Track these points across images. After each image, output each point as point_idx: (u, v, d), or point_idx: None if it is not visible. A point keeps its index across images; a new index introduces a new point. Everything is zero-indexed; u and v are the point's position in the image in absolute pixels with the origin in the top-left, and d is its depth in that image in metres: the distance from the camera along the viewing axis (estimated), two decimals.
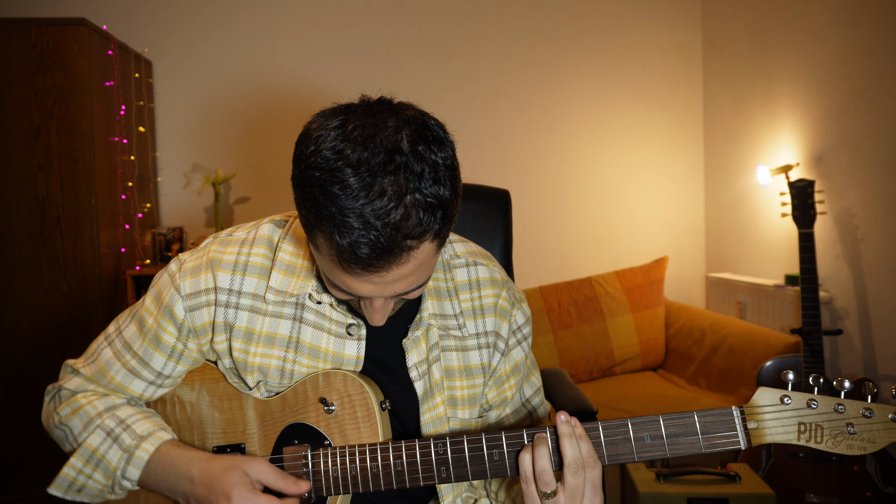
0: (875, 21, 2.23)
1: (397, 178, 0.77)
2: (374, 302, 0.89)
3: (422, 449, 0.94)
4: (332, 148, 0.79)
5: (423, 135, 0.81)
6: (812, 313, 2.14)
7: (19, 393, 2.58)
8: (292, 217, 1.06)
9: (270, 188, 3.31)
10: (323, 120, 0.83)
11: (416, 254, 0.81)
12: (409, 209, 0.77)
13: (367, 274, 0.80)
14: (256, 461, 0.95)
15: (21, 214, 2.58)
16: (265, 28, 3.26)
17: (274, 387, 1.01)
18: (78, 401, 1.04)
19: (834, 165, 2.45)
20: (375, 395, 0.98)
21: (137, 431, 1.00)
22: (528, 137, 3.40)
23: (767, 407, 0.88)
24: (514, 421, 1.13)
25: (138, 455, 0.98)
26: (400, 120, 0.81)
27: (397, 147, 0.78)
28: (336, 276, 0.84)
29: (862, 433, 0.86)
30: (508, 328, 1.09)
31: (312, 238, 0.84)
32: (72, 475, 1.00)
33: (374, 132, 0.79)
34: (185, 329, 1.01)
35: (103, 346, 1.06)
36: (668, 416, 0.90)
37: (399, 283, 0.84)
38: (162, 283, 1.03)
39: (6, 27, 2.55)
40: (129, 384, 1.04)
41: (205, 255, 1.02)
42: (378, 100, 0.85)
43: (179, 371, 1.04)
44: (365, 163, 0.77)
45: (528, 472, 0.89)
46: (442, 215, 0.80)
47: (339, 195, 0.77)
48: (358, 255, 0.78)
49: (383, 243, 0.77)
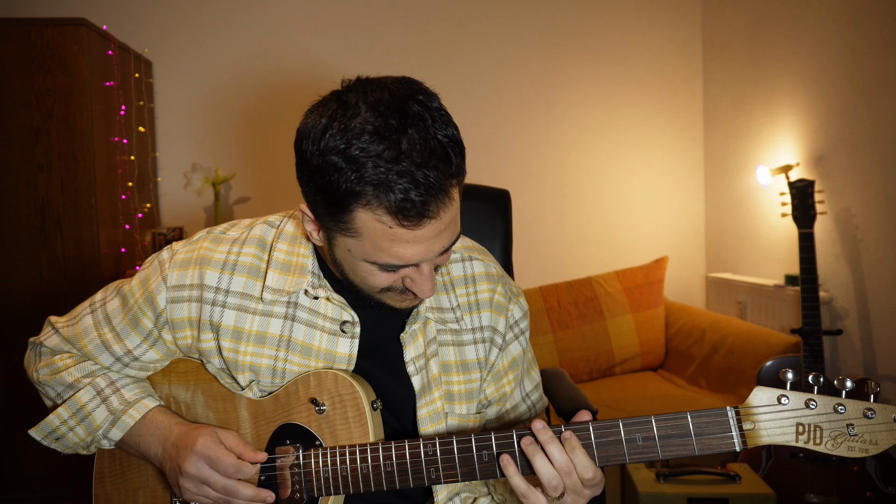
0: (875, 21, 2.23)
1: (418, 127, 0.81)
2: (423, 268, 0.90)
3: (411, 449, 0.93)
4: (343, 128, 0.81)
5: (415, 89, 0.85)
6: (812, 313, 2.14)
7: (19, 393, 2.58)
8: (285, 217, 1.07)
9: (270, 188, 3.31)
10: (316, 114, 0.85)
11: (454, 196, 0.85)
12: (440, 150, 0.82)
13: (423, 224, 0.82)
14: (229, 430, 1.00)
15: (21, 214, 2.58)
16: (265, 28, 3.26)
17: (266, 386, 1.01)
18: (55, 363, 1.08)
19: (834, 165, 2.45)
20: (366, 394, 0.98)
21: (126, 396, 1.04)
22: (528, 137, 3.40)
23: (764, 407, 0.85)
24: (514, 416, 1.13)
25: (124, 420, 1.02)
26: (389, 84, 0.85)
27: (404, 102, 0.82)
28: (386, 250, 0.85)
29: (863, 434, 0.83)
30: (505, 323, 1.09)
31: (346, 224, 0.85)
32: (55, 423, 1.05)
33: (377, 98, 0.82)
34: (163, 319, 1.02)
35: (86, 311, 1.09)
36: (660, 416, 0.87)
37: (444, 234, 0.86)
38: (151, 269, 1.04)
39: (6, 27, 2.54)
40: (99, 356, 1.07)
41: (196, 250, 1.03)
42: (357, 78, 0.88)
43: (150, 357, 1.06)
44: (384, 126, 0.80)
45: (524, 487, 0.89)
46: (461, 153, 0.85)
47: (373, 161, 0.79)
48: (414, 202, 0.80)
49: (434, 183, 0.80)
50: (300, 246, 1.02)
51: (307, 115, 0.87)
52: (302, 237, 1.03)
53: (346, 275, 0.94)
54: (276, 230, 1.04)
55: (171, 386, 1.09)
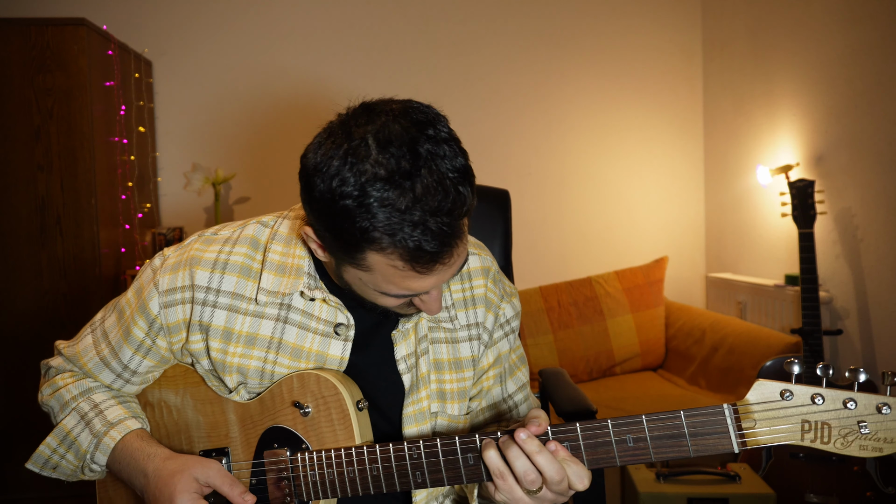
0: (875, 21, 2.23)
1: (430, 168, 0.79)
2: (433, 292, 0.90)
3: (396, 453, 0.91)
4: (355, 172, 0.78)
5: (422, 119, 0.82)
6: (812, 313, 2.14)
7: (20, 392, 2.58)
8: (280, 217, 1.05)
9: (270, 188, 3.31)
10: (326, 148, 0.82)
11: (465, 230, 0.84)
12: (451, 190, 0.80)
13: (437, 268, 0.82)
14: (209, 464, 0.97)
15: (21, 214, 2.58)
16: (265, 28, 3.26)
17: (254, 388, 1.00)
18: (56, 382, 1.08)
19: (834, 165, 2.45)
20: (351, 395, 0.96)
21: (108, 417, 1.03)
22: (528, 137, 3.40)
23: (765, 404, 0.78)
24: (490, 415, 1.10)
25: (105, 442, 1.01)
26: (396, 115, 0.82)
27: (414, 140, 0.79)
28: (397, 284, 0.84)
29: (877, 432, 0.73)
30: (494, 320, 1.08)
31: (356, 261, 0.84)
32: (47, 453, 1.05)
33: (386, 136, 0.79)
34: (157, 325, 1.01)
35: (87, 332, 1.09)
36: (652, 416, 0.81)
37: (455, 266, 0.86)
38: (144, 278, 1.03)
39: (6, 27, 2.54)
40: (99, 373, 1.06)
41: (186, 252, 1.02)
42: (362, 105, 0.85)
43: (146, 366, 1.04)
44: (396, 171, 0.78)
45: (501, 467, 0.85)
46: (471, 183, 0.83)
47: (386, 211, 0.78)
48: (428, 252, 0.80)
49: (446, 230, 0.79)
50: (295, 247, 1.00)
51: (315, 148, 0.84)
52: (297, 238, 1.01)
53: (353, 291, 0.93)
54: (269, 230, 1.03)
55: (161, 390, 1.08)
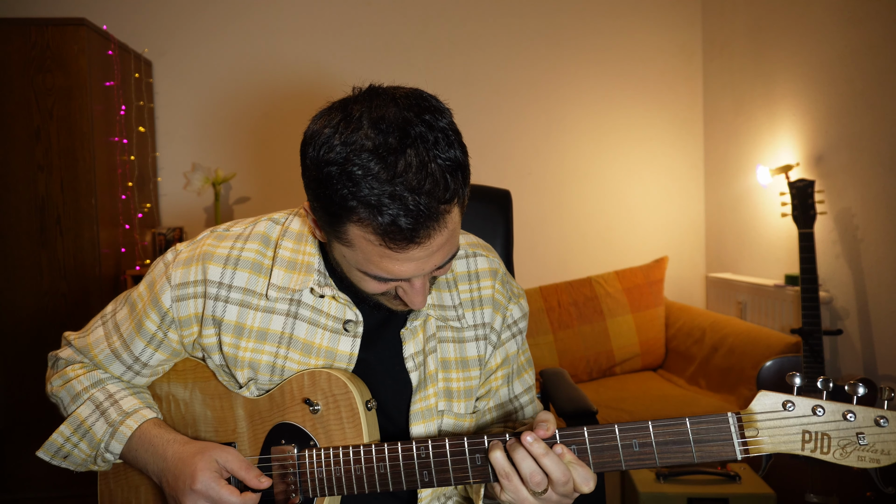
0: (875, 21, 2.23)
1: (417, 149, 0.80)
2: (415, 283, 0.90)
3: (404, 452, 0.92)
4: (343, 141, 0.81)
5: (424, 106, 0.84)
6: (812, 313, 2.14)
7: (20, 392, 2.58)
8: (291, 214, 1.07)
9: (270, 188, 3.31)
10: (323, 120, 0.85)
11: (449, 219, 0.84)
12: (436, 175, 0.80)
13: (411, 249, 0.82)
14: (226, 448, 0.99)
15: (21, 214, 2.58)
16: (265, 28, 3.26)
17: (264, 384, 1.01)
18: (67, 374, 1.09)
19: (834, 165, 2.45)
20: (361, 394, 0.97)
21: (124, 407, 1.04)
22: (528, 137, 3.40)
23: (768, 413, 0.81)
24: (497, 416, 1.12)
25: (122, 431, 1.02)
26: (397, 98, 0.84)
27: (407, 121, 0.81)
28: (376, 263, 0.85)
29: (874, 444, 0.77)
30: (502, 321, 1.09)
31: (340, 234, 0.86)
32: (59, 441, 1.05)
33: (381, 113, 0.81)
34: (169, 318, 1.02)
35: (98, 323, 1.10)
36: (658, 422, 0.84)
37: (437, 255, 0.86)
38: (157, 272, 1.05)
39: (6, 27, 2.54)
40: (110, 365, 1.08)
41: (199, 247, 1.03)
42: (369, 87, 0.88)
43: (157, 359, 1.06)
44: (382, 145, 0.80)
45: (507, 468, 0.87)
46: (462, 177, 0.84)
47: (367, 181, 0.79)
48: (402, 229, 0.80)
49: (423, 211, 0.80)
50: (306, 244, 1.02)
51: (314, 120, 0.87)
52: (308, 235, 1.03)
53: (344, 275, 0.95)
54: (280, 227, 1.05)
55: (170, 384, 1.09)
